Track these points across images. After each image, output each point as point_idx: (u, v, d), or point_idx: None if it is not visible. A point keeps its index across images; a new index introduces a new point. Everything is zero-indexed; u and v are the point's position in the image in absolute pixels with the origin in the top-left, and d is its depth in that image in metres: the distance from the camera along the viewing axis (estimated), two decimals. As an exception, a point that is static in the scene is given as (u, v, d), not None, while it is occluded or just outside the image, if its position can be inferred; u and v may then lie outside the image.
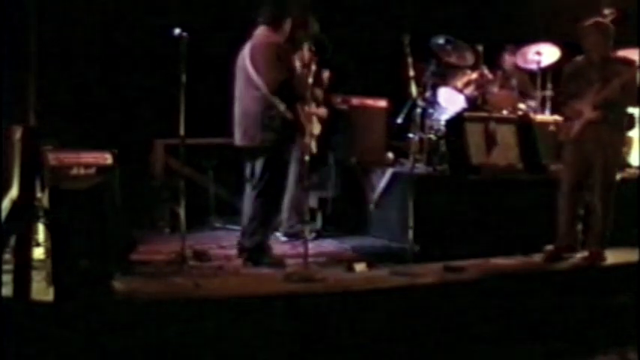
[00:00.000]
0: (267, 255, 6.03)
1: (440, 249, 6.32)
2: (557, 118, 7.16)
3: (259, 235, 5.99)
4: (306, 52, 6.80)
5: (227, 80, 6.16)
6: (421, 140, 7.21)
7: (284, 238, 6.97)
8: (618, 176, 6.49)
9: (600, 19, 6.35)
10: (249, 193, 6.09)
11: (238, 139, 6.02)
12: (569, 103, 6.30)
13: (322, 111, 7.25)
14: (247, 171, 6.11)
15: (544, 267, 6.19)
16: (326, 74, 7.29)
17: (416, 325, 5.20)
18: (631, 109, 7.47)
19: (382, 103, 7.94)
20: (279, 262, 5.99)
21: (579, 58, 6.42)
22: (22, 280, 4.74)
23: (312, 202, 7.27)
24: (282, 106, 5.82)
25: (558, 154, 6.54)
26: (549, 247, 6.34)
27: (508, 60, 8.18)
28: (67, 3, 7.38)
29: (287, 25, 6.06)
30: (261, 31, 5.99)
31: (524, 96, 7.91)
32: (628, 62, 6.28)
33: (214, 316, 4.86)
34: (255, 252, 6.00)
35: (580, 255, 6.33)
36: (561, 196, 6.30)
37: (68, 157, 5.46)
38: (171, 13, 7.49)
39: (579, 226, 6.34)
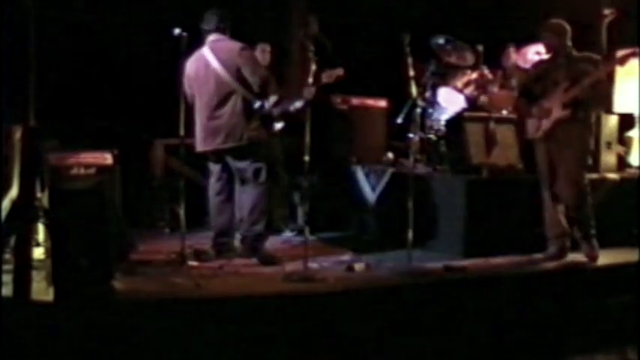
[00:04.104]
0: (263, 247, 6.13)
1: (439, 249, 6.34)
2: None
3: (261, 223, 6.08)
4: (261, 52, 6.88)
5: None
6: (421, 140, 7.21)
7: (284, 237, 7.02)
8: (613, 176, 6.44)
9: (554, 20, 6.34)
10: (218, 189, 6.20)
11: (218, 142, 5.97)
12: (537, 103, 6.30)
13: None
14: (215, 170, 6.16)
15: (544, 267, 6.18)
16: (339, 72, 7.29)
17: (415, 325, 5.20)
18: (631, 110, 7.53)
19: (382, 103, 7.95)
20: (274, 258, 6.06)
21: (545, 58, 6.49)
22: (22, 280, 4.74)
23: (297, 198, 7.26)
24: (258, 103, 5.95)
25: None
26: (547, 253, 6.31)
27: (513, 57, 8.06)
28: (66, 3, 7.39)
29: (228, 30, 6.16)
30: (220, 37, 6.06)
31: None
32: (593, 61, 6.29)
33: (214, 316, 4.86)
34: (257, 241, 6.07)
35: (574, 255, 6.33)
36: (544, 196, 6.32)
37: (68, 157, 5.47)
38: (171, 13, 7.49)
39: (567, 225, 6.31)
